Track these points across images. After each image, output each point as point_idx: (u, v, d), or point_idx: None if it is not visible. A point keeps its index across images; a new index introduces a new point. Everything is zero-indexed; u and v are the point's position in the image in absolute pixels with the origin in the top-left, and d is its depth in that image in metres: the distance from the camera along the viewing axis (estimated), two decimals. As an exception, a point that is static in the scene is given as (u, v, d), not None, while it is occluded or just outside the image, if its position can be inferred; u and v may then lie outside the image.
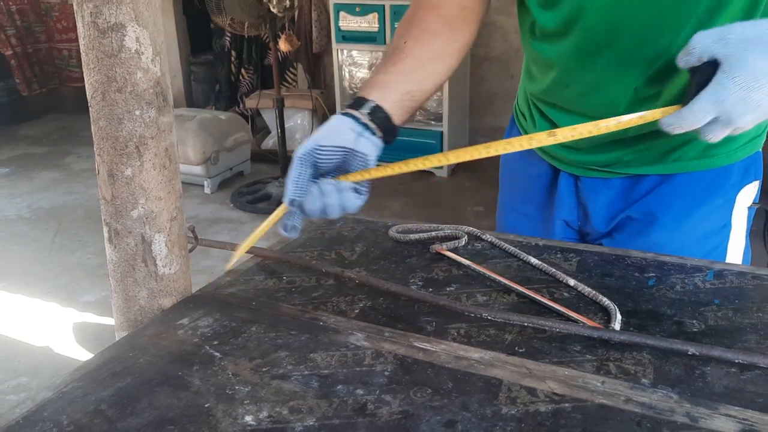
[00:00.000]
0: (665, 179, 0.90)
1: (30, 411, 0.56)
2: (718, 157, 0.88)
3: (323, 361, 0.62)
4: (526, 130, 1.02)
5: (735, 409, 0.54)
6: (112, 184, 0.69)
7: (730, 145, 0.87)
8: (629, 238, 0.91)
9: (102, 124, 0.67)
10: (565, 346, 0.64)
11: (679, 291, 0.73)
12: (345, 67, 3.75)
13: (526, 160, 1.02)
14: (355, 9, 3.52)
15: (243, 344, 0.65)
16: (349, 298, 0.75)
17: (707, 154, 0.88)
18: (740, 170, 0.90)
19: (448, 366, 0.61)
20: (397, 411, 0.55)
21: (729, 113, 0.61)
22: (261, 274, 0.82)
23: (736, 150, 0.88)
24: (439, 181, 3.62)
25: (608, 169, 0.92)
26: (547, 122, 0.95)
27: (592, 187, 0.95)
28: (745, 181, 0.90)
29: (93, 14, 0.64)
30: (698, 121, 0.63)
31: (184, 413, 0.55)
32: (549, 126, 0.95)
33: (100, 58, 0.65)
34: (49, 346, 2.25)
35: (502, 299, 0.73)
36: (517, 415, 0.54)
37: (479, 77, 3.88)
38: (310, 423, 0.54)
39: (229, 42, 4.30)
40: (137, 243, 0.70)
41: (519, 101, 1.05)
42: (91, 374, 0.61)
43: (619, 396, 0.56)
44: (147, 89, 0.67)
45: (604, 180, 0.94)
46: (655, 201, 0.91)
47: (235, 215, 3.32)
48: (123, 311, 0.73)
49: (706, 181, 0.89)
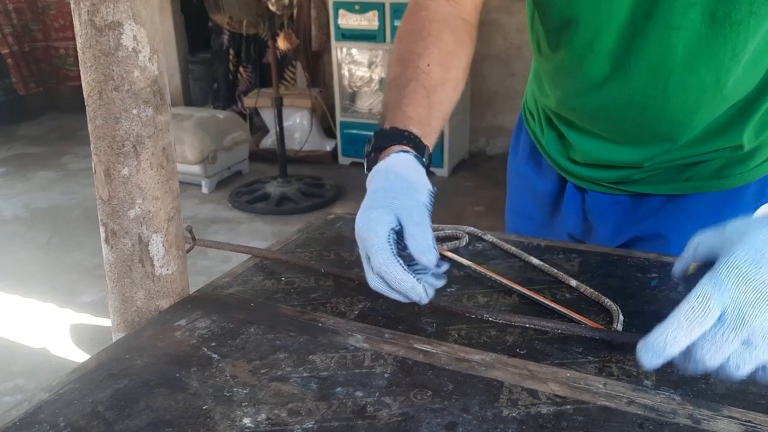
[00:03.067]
0: (674, 199, 0.87)
1: (26, 413, 0.55)
2: (732, 177, 0.84)
3: (322, 363, 0.62)
4: (534, 132, 0.99)
5: (738, 410, 0.54)
6: (108, 183, 0.68)
7: (745, 165, 0.84)
8: None
9: (99, 123, 0.67)
10: (566, 348, 0.63)
11: (682, 292, 0.72)
12: (344, 66, 3.74)
13: (535, 166, 0.99)
14: (354, 7, 3.51)
15: (241, 346, 0.65)
16: (348, 299, 0.74)
17: (720, 174, 0.84)
18: (756, 191, 0.85)
19: (449, 368, 0.60)
20: (397, 413, 0.54)
21: (737, 303, 0.47)
22: (259, 275, 0.81)
23: (752, 170, 0.84)
24: (440, 180, 3.62)
25: (616, 186, 0.89)
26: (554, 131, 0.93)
27: (599, 202, 0.92)
28: (761, 202, 0.85)
29: (90, 12, 0.63)
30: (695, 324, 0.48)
31: (181, 415, 0.55)
32: (557, 138, 0.93)
33: (97, 57, 0.64)
34: (46, 347, 2.25)
35: (503, 300, 0.73)
36: (519, 417, 0.53)
37: (479, 76, 3.87)
38: (308, 425, 0.53)
39: (227, 40, 4.29)
40: (134, 243, 0.70)
41: (528, 101, 1.01)
42: (88, 376, 0.61)
43: (622, 398, 0.56)
44: (144, 88, 0.67)
45: (611, 196, 0.91)
46: (664, 221, 0.87)
47: (233, 215, 3.31)
48: (120, 312, 0.73)
49: (718, 203, 0.85)
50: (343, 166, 3.97)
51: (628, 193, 0.90)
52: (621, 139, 0.84)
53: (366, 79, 3.76)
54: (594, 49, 0.77)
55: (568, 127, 0.89)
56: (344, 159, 3.99)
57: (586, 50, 0.78)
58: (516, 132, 1.05)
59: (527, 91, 1.01)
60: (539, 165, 0.99)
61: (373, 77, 3.74)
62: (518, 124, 1.05)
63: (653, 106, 0.77)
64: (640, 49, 0.74)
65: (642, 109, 0.78)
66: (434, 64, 0.71)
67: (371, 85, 3.76)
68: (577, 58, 0.80)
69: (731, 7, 0.67)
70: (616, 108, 0.80)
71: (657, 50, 0.73)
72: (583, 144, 0.87)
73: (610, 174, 0.88)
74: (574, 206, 0.95)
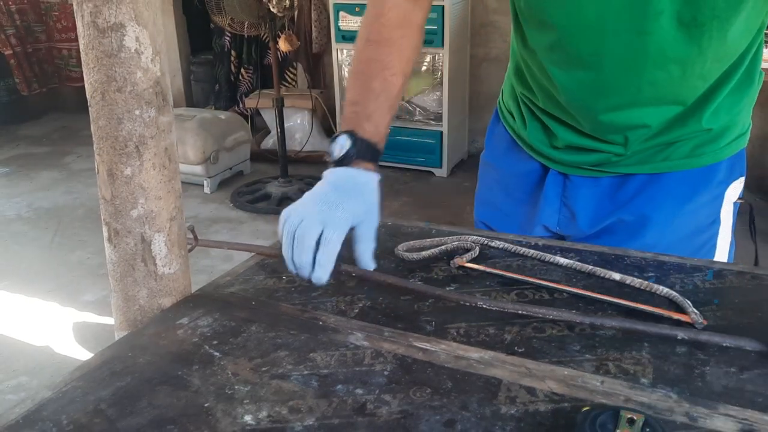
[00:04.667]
0: (653, 179, 0.92)
1: (29, 411, 0.56)
2: (705, 155, 0.90)
3: (323, 361, 0.62)
4: (513, 127, 1.02)
5: (734, 408, 0.54)
6: (111, 183, 0.69)
7: (716, 143, 0.90)
8: (622, 241, 0.91)
9: (101, 124, 0.67)
10: (564, 346, 0.64)
11: (679, 291, 0.73)
12: (345, 67, 3.74)
13: (514, 157, 1.02)
14: (354, 9, 3.51)
15: (242, 344, 0.65)
16: (348, 298, 0.75)
17: (694, 153, 0.90)
18: (727, 168, 0.92)
19: (448, 365, 0.61)
20: (396, 411, 0.55)
21: None
22: (261, 274, 0.82)
23: (723, 148, 0.91)
24: (439, 180, 3.62)
25: (597, 168, 0.93)
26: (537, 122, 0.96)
27: (581, 186, 0.95)
28: (732, 177, 0.93)
29: (93, 14, 0.64)
30: None
31: (183, 413, 0.55)
32: (541, 128, 0.96)
33: (99, 58, 0.65)
34: (49, 345, 2.25)
35: (501, 298, 0.73)
36: (517, 414, 0.54)
37: (479, 77, 3.87)
38: (309, 423, 0.54)
39: (228, 42, 4.30)
40: (137, 243, 0.70)
41: (504, 99, 1.05)
42: (90, 374, 0.61)
43: (619, 395, 0.56)
44: (147, 89, 0.67)
45: (593, 179, 0.95)
46: (646, 202, 0.92)
47: (235, 215, 3.31)
48: (122, 311, 0.73)
49: (693, 180, 0.91)
50: (344, 166, 3.96)
51: (608, 174, 0.94)
52: (598, 128, 0.90)
53: (367, 80, 3.77)
54: (569, 51, 0.84)
55: (551, 119, 0.94)
56: (345, 159, 3.99)
57: (560, 53, 0.85)
58: (490, 129, 1.09)
59: (504, 89, 1.06)
60: (518, 159, 1.02)
61: (374, 78, 3.74)
62: (493, 121, 1.09)
63: (627, 100, 0.84)
64: (614, 52, 0.80)
65: (616, 103, 0.85)
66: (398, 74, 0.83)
67: (372, 86, 3.77)
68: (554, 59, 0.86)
69: (696, 11, 0.75)
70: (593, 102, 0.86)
71: (630, 53, 0.79)
72: (564, 134, 0.93)
73: (591, 157, 0.93)
74: (555, 193, 0.98)
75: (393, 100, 0.83)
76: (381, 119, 0.81)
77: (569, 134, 0.93)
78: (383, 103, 0.82)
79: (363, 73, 0.85)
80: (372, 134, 0.79)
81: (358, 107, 0.82)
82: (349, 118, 0.82)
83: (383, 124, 0.81)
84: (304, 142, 3.95)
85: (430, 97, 3.61)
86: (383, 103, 0.82)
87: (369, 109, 0.81)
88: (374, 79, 0.82)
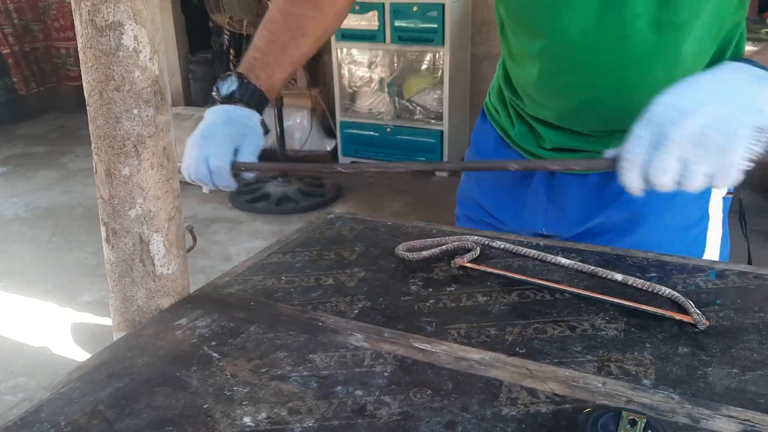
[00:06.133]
0: None
1: (28, 412, 0.56)
2: None
3: (322, 362, 0.62)
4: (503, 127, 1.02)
5: (736, 410, 0.54)
6: (109, 183, 0.68)
7: None
8: (611, 239, 0.90)
9: (100, 123, 0.67)
10: (565, 347, 0.63)
11: (681, 291, 0.72)
12: (344, 66, 3.74)
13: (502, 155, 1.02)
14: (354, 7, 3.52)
15: (241, 345, 0.65)
16: (348, 299, 0.74)
17: None
18: None
19: (448, 367, 0.60)
20: (396, 412, 0.54)
21: (661, 124, 0.60)
22: (260, 275, 0.81)
23: None
24: (439, 180, 3.62)
25: None
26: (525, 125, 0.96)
27: (568, 184, 0.95)
28: None
29: (91, 12, 0.63)
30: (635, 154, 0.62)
31: (182, 414, 0.55)
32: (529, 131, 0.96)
33: (97, 57, 0.65)
34: (47, 346, 2.25)
35: (502, 299, 0.73)
36: (518, 416, 0.54)
37: (479, 76, 3.87)
38: (309, 424, 0.53)
39: (227, 40, 4.29)
40: (135, 243, 0.70)
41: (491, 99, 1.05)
42: (89, 375, 0.61)
43: (621, 397, 0.56)
44: (145, 88, 0.67)
45: (580, 177, 0.94)
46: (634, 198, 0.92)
47: (234, 215, 3.31)
48: (121, 311, 0.73)
49: None
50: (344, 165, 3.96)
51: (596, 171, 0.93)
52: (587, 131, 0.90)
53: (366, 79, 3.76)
54: (554, 59, 0.85)
55: (539, 123, 0.94)
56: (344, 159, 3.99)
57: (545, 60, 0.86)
58: (477, 128, 1.09)
59: (491, 91, 1.06)
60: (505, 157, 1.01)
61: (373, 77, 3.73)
62: (480, 120, 1.09)
63: (614, 104, 0.84)
64: (598, 57, 0.81)
65: (604, 108, 0.85)
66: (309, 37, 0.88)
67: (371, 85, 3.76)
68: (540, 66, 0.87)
69: (673, 14, 0.76)
70: (580, 106, 0.87)
71: (613, 57, 0.81)
72: (552, 136, 0.93)
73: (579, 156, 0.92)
74: (542, 192, 0.97)
75: (297, 57, 0.87)
76: (277, 73, 0.85)
77: (557, 136, 0.93)
78: (285, 59, 0.86)
79: (277, 23, 0.88)
80: (263, 83, 0.83)
81: (258, 54, 0.86)
82: (247, 62, 0.86)
83: (278, 78, 0.86)
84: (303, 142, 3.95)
85: (430, 96, 3.61)
86: (285, 60, 0.86)
87: (269, 60, 0.85)
88: (285, 33, 0.87)
